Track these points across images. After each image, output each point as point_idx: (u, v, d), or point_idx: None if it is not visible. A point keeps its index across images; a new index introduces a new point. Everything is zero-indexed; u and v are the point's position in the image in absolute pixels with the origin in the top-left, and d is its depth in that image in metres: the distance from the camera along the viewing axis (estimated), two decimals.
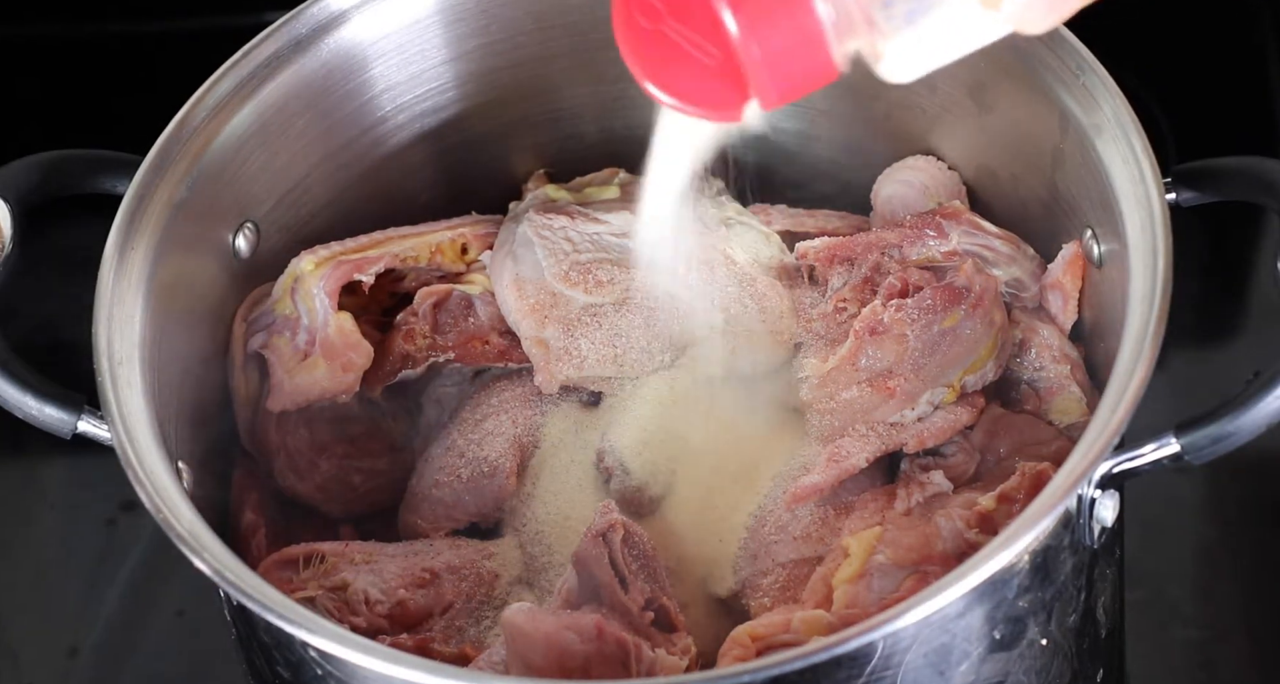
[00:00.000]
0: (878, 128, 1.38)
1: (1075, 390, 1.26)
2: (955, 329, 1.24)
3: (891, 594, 1.15)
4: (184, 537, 1.12)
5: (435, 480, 1.29)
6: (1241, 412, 1.11)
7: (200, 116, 1.28)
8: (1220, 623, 1.44)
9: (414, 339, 1.32)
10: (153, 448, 1.17)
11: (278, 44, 1.31)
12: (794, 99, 1.04)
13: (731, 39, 1.02)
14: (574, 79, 1.40)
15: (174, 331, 1.25)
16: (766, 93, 1.03)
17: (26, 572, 1.54)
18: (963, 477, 1.24)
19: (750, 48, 1.01)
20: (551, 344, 1.29)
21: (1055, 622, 1.17)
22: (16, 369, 1.20)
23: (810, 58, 1.02)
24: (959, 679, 1.12)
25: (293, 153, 1.34)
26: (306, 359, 1.29)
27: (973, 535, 1.17)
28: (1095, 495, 1.13)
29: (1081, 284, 1.27)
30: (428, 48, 1.36)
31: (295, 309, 1.30)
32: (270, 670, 1.19)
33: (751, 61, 1.02)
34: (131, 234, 1.23)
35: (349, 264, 1.31)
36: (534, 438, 1.30)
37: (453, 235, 1.35)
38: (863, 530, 1.19)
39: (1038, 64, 1.25)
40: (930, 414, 1.25)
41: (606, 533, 1.18)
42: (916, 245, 1.29)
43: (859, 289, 1.29)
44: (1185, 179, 1.22)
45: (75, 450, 1.22)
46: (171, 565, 1.46)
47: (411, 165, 1.40)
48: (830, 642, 1.06)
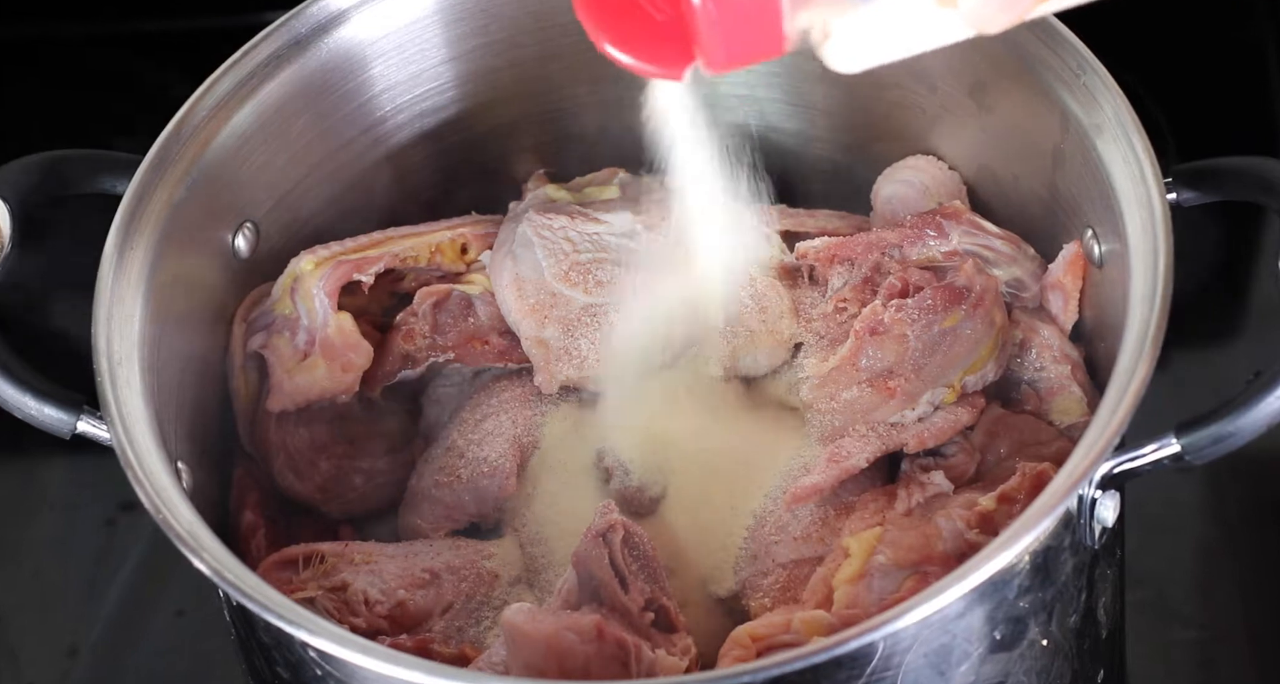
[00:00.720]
0: (878, 128, 1.38)
1: (1076, 391, 1.26)
2: (956, 329, 1.24)
3: (892, 594, 1.15)
4: (183, 537, 1.12)
5: (435, 480, 1.29)
6: (1242, 412, 1.11)
7: (200, 116, 1.28)
8: (1220, 623, 1.44)
9: (414, 339, 1.32)
10: (152, 448, 1.16)
11: (277, 44, 1.31)
12: (739, 66, 1.04)
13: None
14: (574, 79, 1.40)
15: (174, 332, 1.25)
16: (713, 54, 1.03)
17: (26, 572, 1.54)
18: (963, 477, 1.24)
19: (707, 7, 1.01)
20: (551, 344, 1.29)
21: (1056, 622, 1.16)
22: (16, 369, 1.20)
23: (763, 24, 1.02)
24: (959, 680, 1.12)
25: (293, 153, 1.34)
26: (306, 359, 1.29)
27: (973, 536, 1.17)
28: (1096, 496, 1.13)
29: (1082, 284, 1.27)
30: (427, 48, 1.36)
31: (295, 309, 1.30)
32: (270, 670, 1.19)
33: (706, 20, 1.01)
34: (131, 234, 1.23)
35: (349, 264, 1.31)
36: (534, 438, 1.30)
37: (453, 235, 1.35)
38: (863, 531, 1.19)
39: (1038, 64, 1.25)
40: (931, 414, 1.25)
41: (606, 533, 1.18)
42: (917, 245, 1.29)
43: (859, 289, 1.29)
44: (1185, 179, 1.22)
45: (75, 450, 1.22)
46: (171, 565, 1.46)
47: (411, 165, 1.40)
48: (830, 642, 1.06)
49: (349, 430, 1.33)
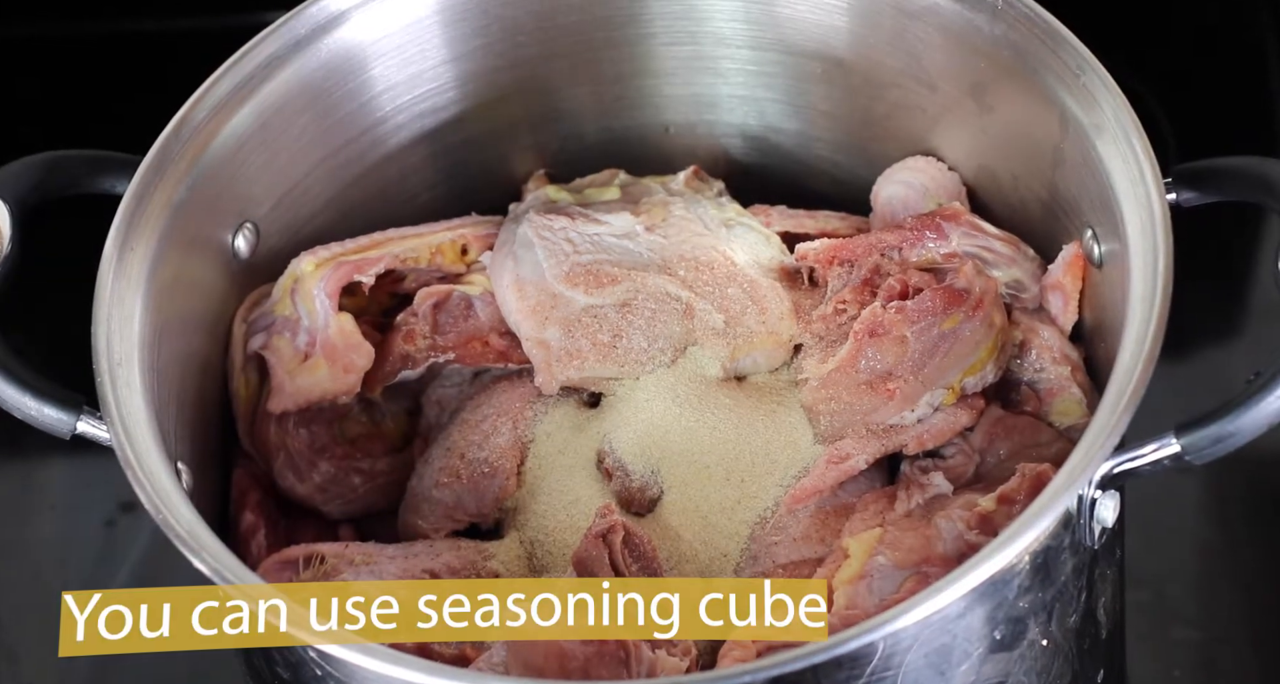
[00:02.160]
0: (878, 128, 1.38)
1: (1076, 392, 1.26)
2: (955, 331, 1.24)
3: (892, 595, 1.15)
4: (183, 537, 1.12)
5: (435, 481, 1.29)
6: (1242, 412, 1.11)
7: (200, 116, 1.28)
8: (1220, 624, 1.44)
9: (414, 340, 1.32)
10: (152, 448, 1.16)
11: (278, 44, 1.31)
12: None
13: None
14: (574, 79, 1.40)
15: (173, 332, 1.25)
16: None
17: (26, 572, 1.54)
18: (962, 478, 1.24)
19: None
20: (552, 345, 1.29)
21: (1056, 622, 1.16)
22: (16, 369, 1.19)
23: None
24: (959, 680, 1.12)
25: (293, 153, 1.34)
26: (307, 360, 1.29)
27: (973, 537, 1.17)
28: (1096, 496, 1.13)
29: (1082, 285, 1.27)
30: (427, 48, 1.36)
31: (295, 310, 1.30)
32: (270, 671, 1.19)
33: None
34: (131, 234, 1.23)
35: (349, 265, 1.31)
36: (534, 439, 1.30)
37: (453, 236, 1.35)
38: (863, 532, 1.19)
39: (1038, 64, 1.25)
40: (930, 416, 1.24)
41: (607, 534, 1.18)
42: (916, 247, 1.29)
43: (859, 291, 1.29)
44: (1185, 179, 1.22)
45: (75, 451, 1.22)
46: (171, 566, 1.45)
47: (411, 165, 1.40)
48: (830, 642, 1.06)
49: (349, 431, 1.33)
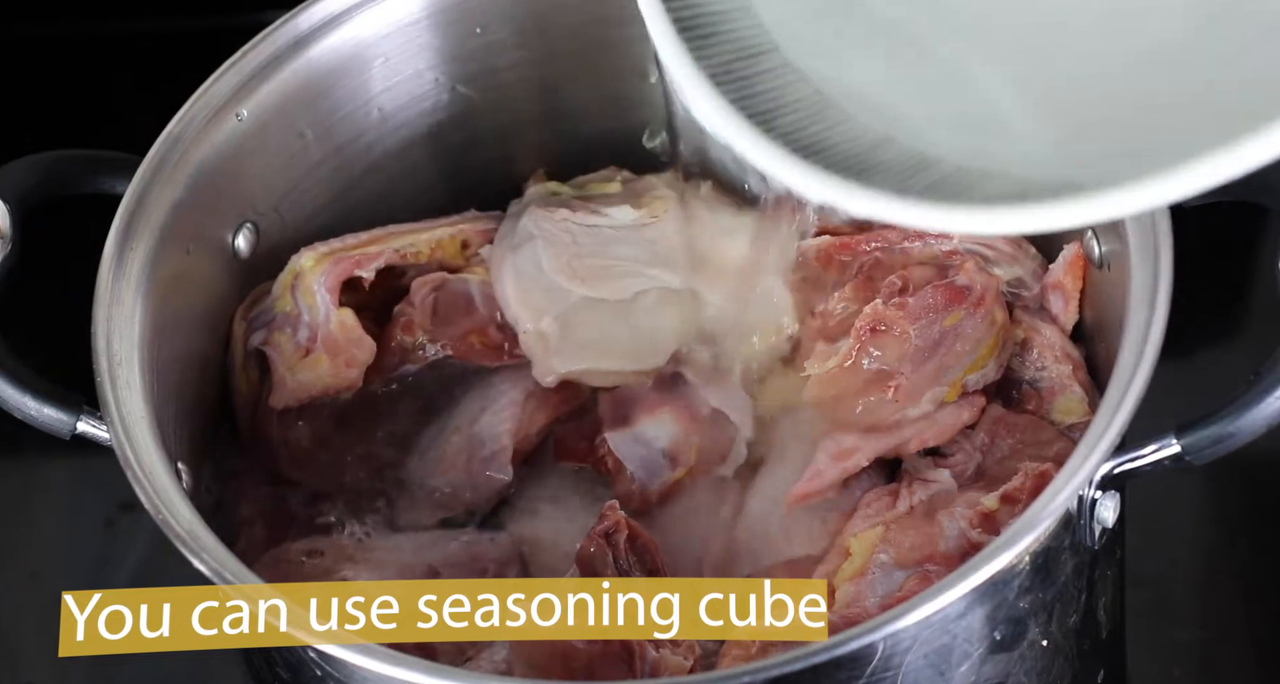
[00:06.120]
0: None
1: (1077, 390, 1.26)
2: (957, 327, 1.24)
3: (893, 594, 1.15)
4: (183, 537, 1.12)
5: (435, 474, 1.29)
6: (1242, 412, 1.11)
7: (200, 116, 1.28)
8: (1221, 624, 1.44)
9: (413, 331, 1.32)
10: (152, 448, 1.16)
11: (278, 44, 1.31)
12: None
13: None
14: (574, 79, 1.40)
15: (173, 331, 1.25)
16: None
17: (26, 572, 1.54)
18: (963, 476, 1.24)
19: None
20: (549, 337, 1.29)
21: (1056, 622, 1.16)
22: (15, 369, 1.19)
23: None
24: (960, 680, 1.12)
25: (293, 153, 1.34)
26: (308, 356, 1.29)
27: (976, 535, 1.17)
28: (1096, 496, 1.13)
29: (1082, 284, 1.27)
30: (427, 47, 1.36)
31: (296, 306, 1.30)
32: (270, 671, 1.19)
33: None
34: (131, 234, 1.23)
35: (349, 260, 1.31)
36: (533, 432, 1.30)
37: (453, 231, 1.35)
38: (864, 530, 1.19)
39: None
40: (932, 413, 1.24)
41: (610, 533, 1.18)
42: (918, 244, 1.29)
43: (860, 288, 1.29)
44: None
45: (74, 450, 1.22)
46: (171, 565, 1.45)
47: (411, 165, 1.40)
48: (830, 643, 1.06)
49: (350, 424, 1.33)
